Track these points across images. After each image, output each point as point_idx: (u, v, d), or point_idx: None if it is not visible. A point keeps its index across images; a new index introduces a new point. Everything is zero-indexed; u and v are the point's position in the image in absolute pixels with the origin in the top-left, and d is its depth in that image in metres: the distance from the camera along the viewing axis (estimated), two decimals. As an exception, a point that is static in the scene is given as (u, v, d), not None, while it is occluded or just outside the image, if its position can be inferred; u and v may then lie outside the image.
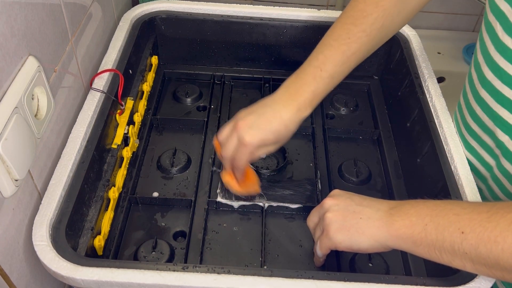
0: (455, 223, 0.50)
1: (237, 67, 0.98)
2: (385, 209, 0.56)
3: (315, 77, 0.66)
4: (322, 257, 0.63)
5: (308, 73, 0.66)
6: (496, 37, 0.61)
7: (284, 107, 0.66)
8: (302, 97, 0.66)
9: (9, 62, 0.53)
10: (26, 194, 0.59)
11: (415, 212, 0.53)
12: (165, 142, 0.85)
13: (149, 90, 0.88)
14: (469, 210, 0.50)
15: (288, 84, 0.68)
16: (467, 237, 0.48)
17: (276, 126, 0.65)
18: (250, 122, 0.65)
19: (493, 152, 0.67)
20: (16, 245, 0.58)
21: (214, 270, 0.55)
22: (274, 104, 0.66)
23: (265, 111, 0.66)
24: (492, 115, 0.64)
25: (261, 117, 0.66)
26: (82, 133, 0.68)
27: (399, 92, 0.87)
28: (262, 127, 0.65)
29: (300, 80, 0.67)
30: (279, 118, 0.65)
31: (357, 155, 0.84)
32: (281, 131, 0.66)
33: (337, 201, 0.60)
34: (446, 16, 1.44)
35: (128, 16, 0.89)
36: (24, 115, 0.55)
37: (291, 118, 0.66)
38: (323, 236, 0.59)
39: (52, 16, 0.64)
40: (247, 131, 0.65)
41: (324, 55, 0.66)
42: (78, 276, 0.54)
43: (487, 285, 0.55)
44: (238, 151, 0.66)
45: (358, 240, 0.56)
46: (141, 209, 0.75)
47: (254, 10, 0.92)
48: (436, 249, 0.51)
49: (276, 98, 0.67)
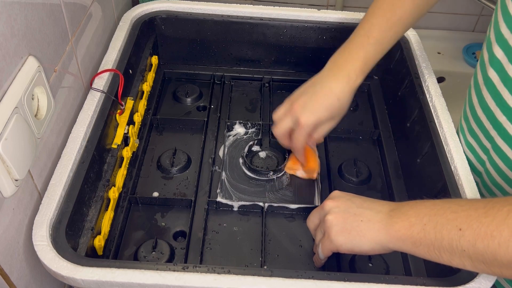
0: (452, 221, 0.50)
1: (237, 67, 0.98)
2: (385, 211, 0.56)
3: (363, 45, 0.67)
4: (324, 259, 0.63)
5: (355, 43, 0.68)
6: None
7: (334, 79, 0.67)
8: (351, 65, 0.66)
9: (9, 62, 0.53)
10: (26, 194, 0.59)
11: (414, 213, 0.53)
12: (165, 142, 0.85)
13: (149, 90, 0.88)
14: (467, 207, 0.50)
15: (336, 56, 0.69)
16: (465, 234, 0.48)
17: (329, 101, 0.66)
18: (303, 102, 0.67)
19: (489, 134, 0.67)
20: (16, 245, 0.58)
21: (214, 270, 0.55)
22: (324, 79, 0.68)
23: (316, 90, 0.67)
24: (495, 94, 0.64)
25: (313, 96, 0.67)
26: (82, 133, 0.68)
27: (399, 92, 0.87)
28: (315, 106, 0.67)
29: (348, 50, 0.68)
30: (330, 93, 0.66)
31: (357, 155, 0.84)
32: (334, 105, 0.67)
33: (337, 203, 0.59)
34: (446, 16, 1.44)
35: (128, 16, 0.89)
36: (24, 115, 0.55)
37: (343, 89, 0.66)
38: (324, 239, 0.59)
39: (52, 16, 0.64)
40: (302, 112, 0.67)
41: (370, 23, 0.67)
42: (78, 276, 0.54)
43: (487, 285, 0.55)
44: (295, 132, 0.68)
45: (359, 243, 0.56)
46: (141, 209, 0.75)
47: (254, 10, 0.92)
48: (435, 249, 0.51)
49: (325, 73, 0.68)
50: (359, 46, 0.67)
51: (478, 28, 1.48)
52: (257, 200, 0.75)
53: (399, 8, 0.67)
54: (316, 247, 0.69)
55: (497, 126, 0.65)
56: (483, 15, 1.44)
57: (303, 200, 0.77)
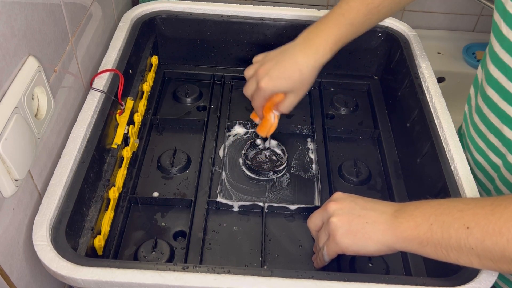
0: (459, 219, 0.50)
1: (237, 67, 0.98)
2: (390, 211, 0.56)
3: (338, 23, 0.68)
4: (328, 260, 0.63)
5: (330, 19, 0.68)
6: (501, 34, 0.61)
7: (301, 51, 0.68)
8: (321, 40, 0.67)
9: (9, 62, 0.53)
10: (26, 194, 0.59)
11: (420, 213, 0.53)
12: (165, 142, 0.85)
13: (149, 90, 0.88)
14: (473, 205, 0.50)
15: (309, 29, 0.70)
16: (473, 232, 0.48)
17: (290, 72, 0.68)
18: (268, 68, 0.69)
19: (500, 151, 0.67)
20: (16, 245, 0.58)
21: (214, 270, 0.55)
22: (292, 49, 0.69)
23: (282, 58, 0.69)
24: (498, 112, 0.64)
25: (277, 65, 0.69)
26: (82, 133, 0.68)
27: (399, 92, 0.87)
28: (276, 73, 0.68)
29: (321, 25, 0.68)
30: (294, 64, 0.68)
31: (357, 155, 0.84)
32: (295, 77, 0.68)
33: (341, 205, 0.59)
34: (446, 16, 1.45)
35: (128, 16, 0.89)
36: (24, 115, 0.55)
37: (307, 63, 0.67)
38: (329, 241, 0.59)
39: (52, 16, 0.64)
40: (263, 77, 0.69)
41: (348, 5, 0.68)
42: (78, 276, 0.54)
43: (487, 285, 0.55)
44: (255, 93, 0.71)
45: (365, 245, 0.56)
46: (141, 209, 0.75)
47: (254, 10, 0.92)
48: (443, 248, 0.51)
49: (295, 43, 0.69)
50: (334, 24, 0.68)
51: (478, 28, 1.48)
52: (257, 200, 0.75)
53: None
54: (315, 247, 0.69)
55: (506, 143, 0.65)
56: (483, 15, 1.44)
57: (303, 200, 0.77)
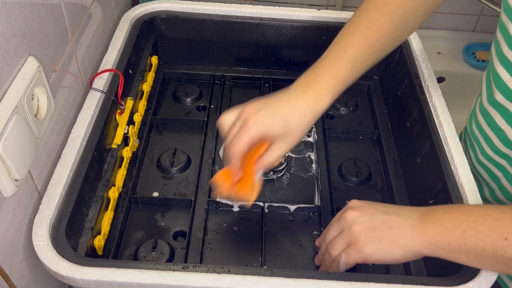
0: (496, 229, 0.48)
1: (237, 67, 0.98)
2: (415, 216, 0.54)
3: (335, 64, 0.61)
4: (344, 270, 0.59)
5: (328, 60, 0.61)
6: (509, 36, 0.60)
7: (301, 94, 0.59)
8: (320, 84, 0.59)
9: (9, 62, 0.53)
10: (26, 194, 0.59)
11: (450, 219, 0.52)
12: (165, 142, 0.85)
13: (149, 90, 0.88)
14: (510, 214, 0.49)
15: (307, 73, 0.62)
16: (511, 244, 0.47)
17: (287, 113, 0.58)
18: (259, 106, 0.58)
19: (500, 164, 0.67)
20: (16, 245, 0.58)
21: (214, 270, 0.55)
22: (289, 93, 0.60)
23: (277, 98, 0.59)
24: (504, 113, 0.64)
25: (271, 102, 0.59)
26: (82, 133, 0.68)
27: (399, 92, 0.87)
28: (270, 112, 0.58)
29: (320, 68, 0.61)
30: (292, 105, 0.58)
31: (357, 155, 0.84)
32: (291, 120, 0.58)
33: (361, 213, 0.57)
34: (446, 16, 1.45)
35: (128, 16, 0.89)
36: (24, 115, 0.55)
37: (307, 106, 0.58)
38: (350, 249, 0.56)
39: (52, 16, 0.64)
40: (253, 115, 0.57)
41: (345, 42, 0.62)
42: (78, 276, 0.54)
43: (487, 285, 0.55)
44: (237, 135, 0.58)
45: (391, 251, 0.54)
46: (141, 209, 0.75)
47: (254, 10, 0.92)
48: (476, 256, 0.50)
49: (292, 87, 0.61)
50: (332, 64, 0.61)
51: (478, 28, 1.48)
52: (257, 200, 0.75)
53: (375, 32, 0.62)
54: (318, 259, 0.66)
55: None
56: (483, 15, 1.44)
57: (303, 200, 0.77)
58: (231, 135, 0.58)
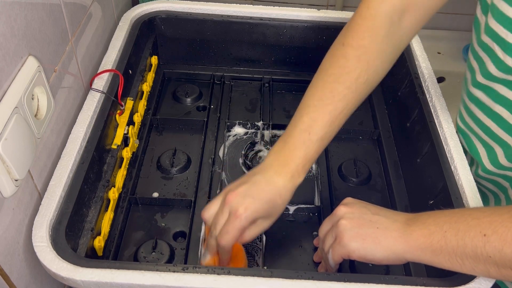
0: (475, 227, 0.49)
1: (237, 67, 0.98)
2: (402, 220, 0.55)
3: (304, 142, 0.60)
4: (335, 266, 0.60)
5: (296, 138, 0.61)
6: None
7: (277, 174, 0.60)
8: (294, 163, 0.60)
9: (9, 62, 0.53)
10: (26, 194, 0.59)
11: (433, 221, 0.52)
12: (165, 142, 0.85)
13: (149, 90, 0.88)
14: (489, 213, 0.49)
15: (277, 150, 0.62)
16: (490, 239, 0.47)
17: (271, 195, 0.59)
18: (243, 191, 0.58)
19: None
20: (16, 245, 0.58)
21: (214, 270, 0.55)
22: (265, 172, 0.60)
23: (257, 180, 0.59)
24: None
25: (254, 186, 0.59)
26: (82, 133, 0.68)
27: (399, 92, 0.87)
28: (256, 196, 0.58)
29: (289, 146, 0.61)
30: (273, 186, 0.59)
31: (357, 155, 0.84)
32: (275, 200, 0.59)
33: (351, 209, 0.58)
34: (446, 16, 1.44)
35: (128, 16, 0.89)
36: (24, 115, 0.55)
37: (285, 186, 0.59)
38: (335, 243, 0.57)
39: (52, 16, 0.64)
40: (241, 201, 0.57)
41: (310, 118, 0.61)
42: (78, 277, 0.54)
43: (487, 285, 0.55)
44: (227, 224, 0.57)
45: (373, 251, 0.55)
46: (141, 209, 0.75)
47: (254, 10, 0.92)
48: (458, 256, 0.50)
49: (266, 166, 0.61)
50: (300, 143, 0.61)
51: (478, 28, 1.47)
52: None
53: (340, 101, 0.61)
54: (316, 255, 0.68)
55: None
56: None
57: (303, 200, 0.77)
58: (219, 226, 0.58)
